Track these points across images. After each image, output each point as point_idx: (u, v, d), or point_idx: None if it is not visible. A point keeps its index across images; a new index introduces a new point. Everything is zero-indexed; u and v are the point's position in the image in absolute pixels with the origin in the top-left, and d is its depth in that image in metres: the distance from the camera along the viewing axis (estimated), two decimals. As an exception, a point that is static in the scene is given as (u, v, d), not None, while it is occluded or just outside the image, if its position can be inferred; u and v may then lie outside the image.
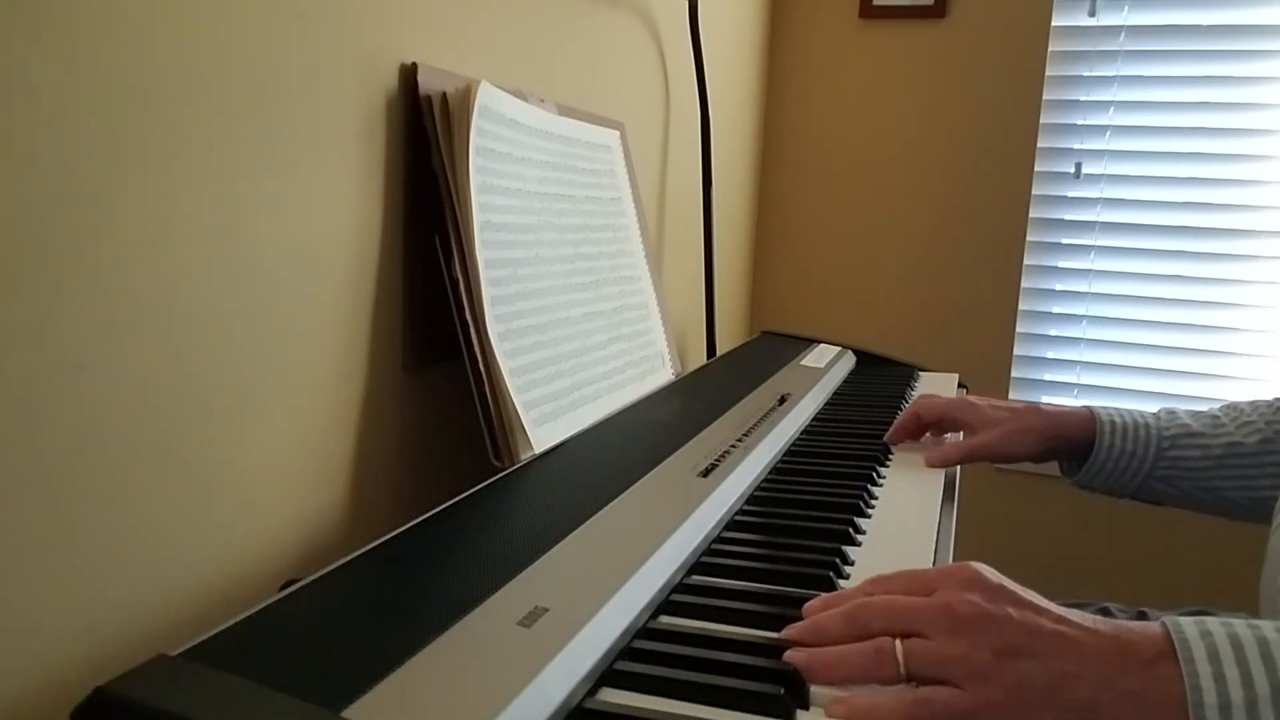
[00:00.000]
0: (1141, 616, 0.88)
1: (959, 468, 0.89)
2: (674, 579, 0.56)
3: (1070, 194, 1.82)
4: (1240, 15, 1.70)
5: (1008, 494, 1.86)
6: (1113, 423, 0.91)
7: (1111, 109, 1.78)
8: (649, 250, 1.08)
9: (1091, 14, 1.75)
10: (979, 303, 1.87)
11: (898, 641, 0.47)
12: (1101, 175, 1.80)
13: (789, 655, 0.48)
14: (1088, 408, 0.93)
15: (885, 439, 0.93)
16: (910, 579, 0.51)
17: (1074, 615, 0.47)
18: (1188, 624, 0.46)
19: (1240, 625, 0.46)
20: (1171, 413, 0.93)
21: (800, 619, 0.51)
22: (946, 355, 1.83)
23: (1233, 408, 0.92)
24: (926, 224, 1.89)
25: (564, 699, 0.42)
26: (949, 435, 0.97)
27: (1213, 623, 0.46)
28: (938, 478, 0.83)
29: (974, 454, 0.89)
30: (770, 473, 0.80)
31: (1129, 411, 0.93)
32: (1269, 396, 0.92)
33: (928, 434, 0.96)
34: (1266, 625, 0.45)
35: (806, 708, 0.45)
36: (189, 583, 0.58)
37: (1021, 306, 1.85)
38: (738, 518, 0.69)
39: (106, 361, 0.51)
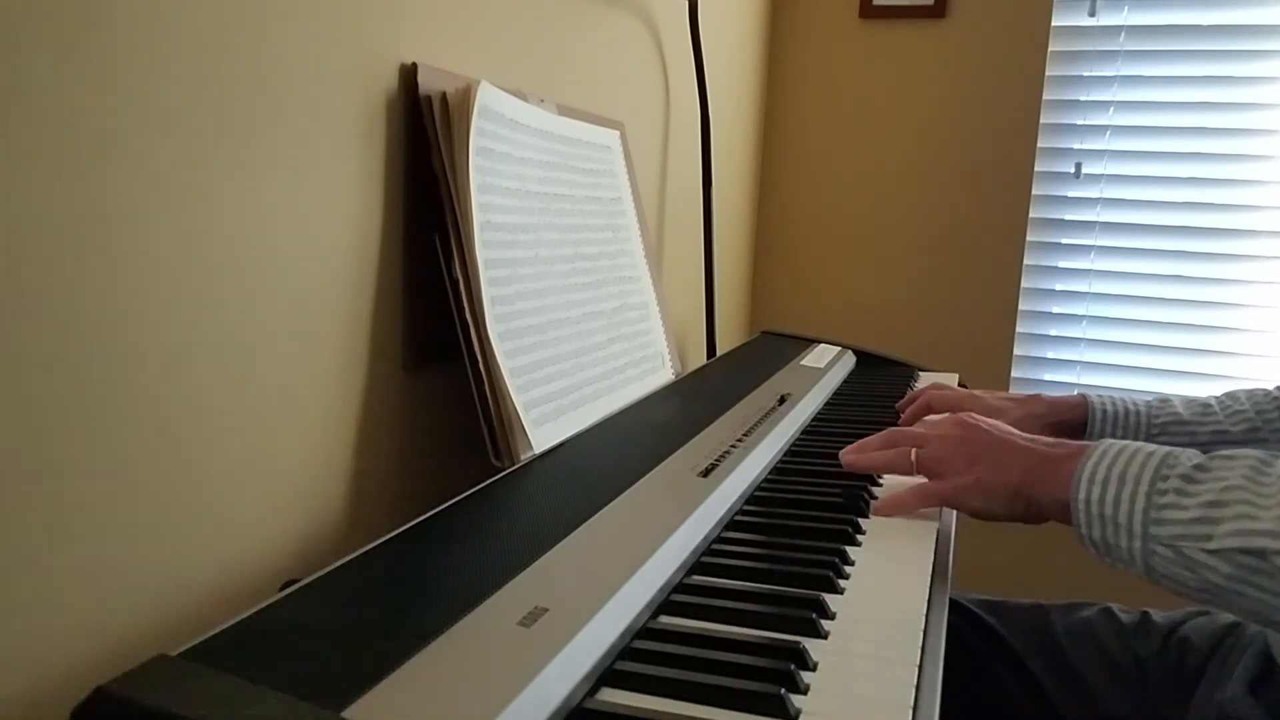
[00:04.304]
0: (1144, 618, 0.88)
1: None
2: (674, 579, 0.56)
3: (1070, 194, 1.82)
4: (1240, 15, 1.70)
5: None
6: (1104, 410, 0.94)
7: (1111, 109, 1.78)
8: (649, 250, 1.08)
9: (1091, 14, 1.75)
10: (979, 303, 1.86)
11: (913, 450, 0.74)
12: (1101, 175, 1.80)
13: (842, 454, 0.78)
14: (1082, 395, 0.96)
15: None
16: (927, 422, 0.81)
17: (1023, 435, 0.71)
18: (1108, 441, 0.65)
19: (1145, 445, 0.63)
20: (1165, 401, 0.95)
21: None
22: (946, 355, 1.83)
23: (1230, 396, 0.93)
24: (926, 224, 1.89)
25: (564, 699, 0.42)
26: None
27: (1130, 442, 0.64)
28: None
29: None
30: (770, 473, 0.80)
31: (1122, 399, 0.95)
32: (1273, 385, 0.92)
33: None
34: (1164, 449, 0.62)
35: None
36: (189, 583, 0.58)
37: (1021, 307, 1.85)
38: (738, 518, 0.69)
39: (107, 362, 0.51)
